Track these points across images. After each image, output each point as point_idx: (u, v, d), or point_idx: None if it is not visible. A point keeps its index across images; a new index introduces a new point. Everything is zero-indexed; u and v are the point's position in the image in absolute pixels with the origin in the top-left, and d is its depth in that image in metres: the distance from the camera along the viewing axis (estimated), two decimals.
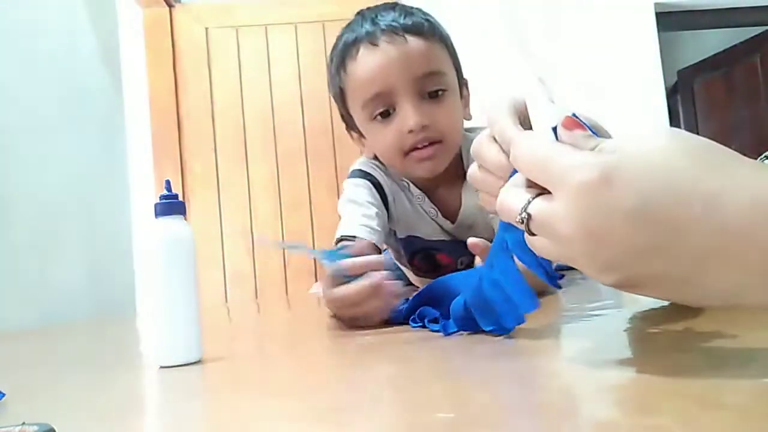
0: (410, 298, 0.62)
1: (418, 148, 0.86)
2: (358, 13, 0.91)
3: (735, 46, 3.68)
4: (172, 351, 0.49)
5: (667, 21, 2.88)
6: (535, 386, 0.34)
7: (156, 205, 0.49)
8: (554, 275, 0.42)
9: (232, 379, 0.46)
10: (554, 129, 0.34)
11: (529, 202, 0.33)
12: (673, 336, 0.43)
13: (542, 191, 0.33)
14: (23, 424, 0.27)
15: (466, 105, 0.95)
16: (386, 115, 0.86)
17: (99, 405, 0.39)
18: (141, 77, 2.32)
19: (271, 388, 0.40)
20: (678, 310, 0.55)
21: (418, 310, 0.58)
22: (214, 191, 2.34)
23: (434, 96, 0.85)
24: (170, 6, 2.36)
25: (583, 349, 0.41)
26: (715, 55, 3.83)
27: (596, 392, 0.30)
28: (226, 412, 0.33)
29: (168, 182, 0.51)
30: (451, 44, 0.92)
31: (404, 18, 0.86)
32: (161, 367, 0.49)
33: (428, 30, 0.86)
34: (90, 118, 1.66)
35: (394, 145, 0.86)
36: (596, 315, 0.57)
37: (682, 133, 0.32)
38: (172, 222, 0.50)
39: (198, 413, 0.35)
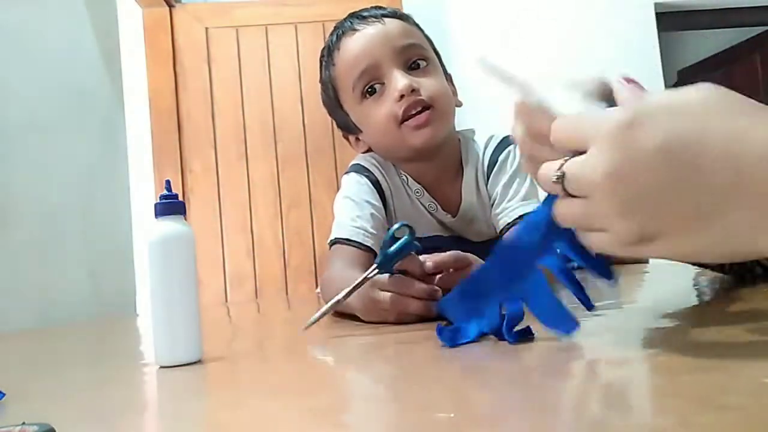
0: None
1: (411, 116, 0.87)
2: (339, 21, 0.98)
3: (735, 46, 3.68)
4: (172, 351, 0.49)
5: (667, 21, 2.88)
6: (535, 386, 0.34)
7: (156, 205, 0.49)
8: (608, 271, 0.42)
9: (232, 379, 0.46)
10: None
11: (564, 163, 0.35)
12: (673, 336, 0.43)
13: (576, 154, 0.35)
14: (23, 424, 0.27)
15: (455, 94, 0.98)
16: (375, 91, 0.90)
17: (99, 405, 0.39)
18: (141, 77, 2.32)
19: (271, 388, 0.40)
20: (677, 310, 0.55)
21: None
22: (214, 191, 2.34)
23: (417, 67, 0.91)
24: (170, 6, 2.36)
25: (583, 349, 0.41)
26: (715, 55, 3.83)
27: (596, 392, 0.30)
28: (226, 412, 0.33)
29: (168, 182, 0.51)
30: (430, 39, 0.98)
31: (380, 9, 0.94)
32: (161, 367, 0.49)
33: (403, 16, 0.95)
34: (90, 118, 1.66)
35: (387, 116, 0.88)
36: (596, 315, 0.57)
37: (713, 86, 0.33)
38: (172, 222, 0.50)
39: (198, 413, 0.35)
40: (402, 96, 0.86)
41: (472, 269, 0.64)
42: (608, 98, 0.42)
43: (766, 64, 3.51)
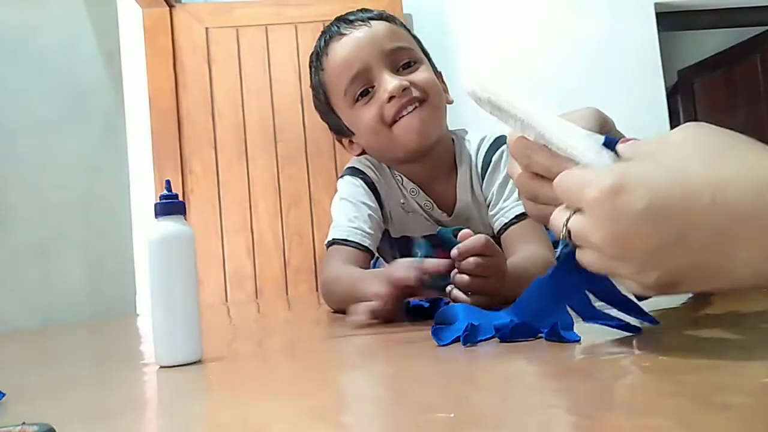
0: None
1: (403, 116, 0.87)
2: (328, 24, 0.98)
3: (735, 46, 3.68)
4: (172, 351, 0.49)
5: (667, 21, 2.88)
6: (534, 386, 0.34)
7: (156, 205, 0.49)
8: (645, 315, 0.44)
9: (232, 379, 0.46)
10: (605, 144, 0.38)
11: (568, 219, 0.36)
12: (673, 336, 0.43)
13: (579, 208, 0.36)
14: (23, 424, 0.27)
15: (446, 91, 0.98)
16: (367, 93, 0.89)
17: (99, 405, 0.39)
18: (141, 77, 2.32)
19: (271, 388, 0.40)
20: (679, 311, 0.55)
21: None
22: (214, 190, 2.34)
23: (407, 67, 0.91)
24: (170, 6, 2.36)
25: (584, 348, 0.41)
26: (715, 55, 3.83)
27: (596, 392, 0.30)
28: (226, 412, 0.33)
29: (168, 182, 0.51)
30: (418, 38, 0.98)
31: (366, 12, 0.94)
32: (161, 367, 0.49)
33: (389, 17, 0.95)
34: (90, 118, 1.66)
35: (378, 119, 0.88)
36: None
37: (698, 126, 0.34)
38: (172, 222, 0.50)
39: (198, 413, 0.35)
40: (392, 98, 0.86)
41: (498, 259, 0.65)
42: (604, 127, 0.42)
43: (766, 64, 3.51)
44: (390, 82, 0.86)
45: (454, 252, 0.64)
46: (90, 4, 1.69)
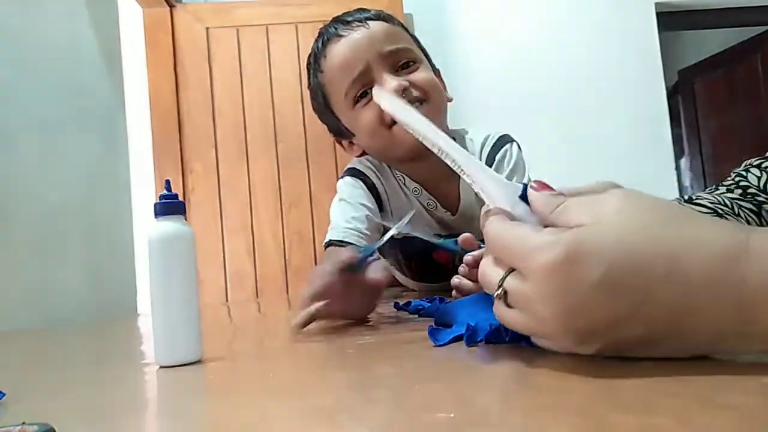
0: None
1: None
2: (325, 24, 0.98)
3: (735, 46, 3.68)
4: (172, 351, 0.49)
5: (668, 21, 2.88)
6: (534, 386, 0.34)
7: (156, 205, 0.49)
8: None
9: (232, 379, 0.46)
10: (523, 189, 0.37)
11: (504, 279, 0.34)
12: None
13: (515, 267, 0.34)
14: (23, 424, 0.27)
15: (445, 89, 0.98)
16: (366, 95, 0.90)
17: (99, 405, 0.39)
18: (141, 77, 2.32)
19: (271, 388, 0.40)
20: None
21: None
22: (214, 190, 2.34)
23: (406, 67, 0.91)
24: (170, 6, 2.36)
25: None
26: (715, 55, 3.83)
27: (596, 392, 0.30)
28: (226, 412, 0.33)
29: (168, 182, 0.51)
30: (415, 36, 0.98)
31: (363, 12, 0.94)
32: (161, 367, 0.49)
33: (387, 17, 0.94)
34: (90, 118, 1.66)
35: (379, 119, 0.88)
36: None
37: (634, 195, 0.33)
38: (173, 222, 0.50)
39: (198, 413, 0.35)
40: None
41: None
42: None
43: (766, 64, 3.51)
44: (389, 82, 0.86)
45: (468, 259, 0.64)
46: (90, 4, 1.69)
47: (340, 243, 0.89)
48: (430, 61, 0.97)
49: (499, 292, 0.35)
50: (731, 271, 0.29)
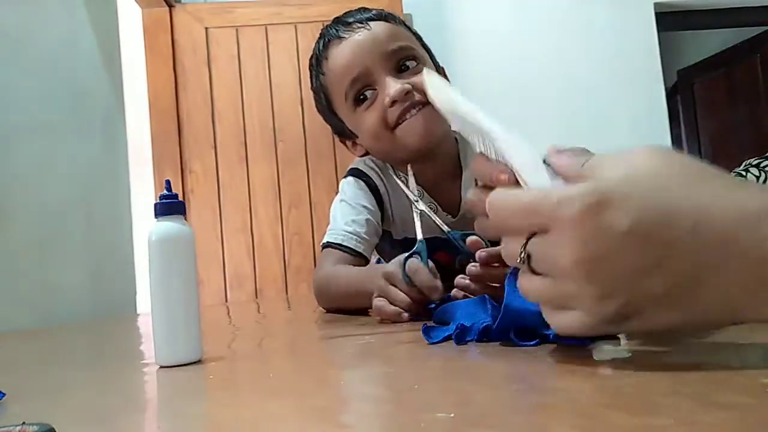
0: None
1: (406, 119, 0.87)
2: (326, 25, 0.97)
3: (735, 46, 3.68)
4: (172, 351, 0.49)
5: (667, 21, 2.88)
6: (535, 386, 0.34)
7: (156, 205, 0.49)
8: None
9: (232, 379, 0.46)
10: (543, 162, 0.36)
11: (526, 242, 0.34)
12: (672, 335, 0.43)
13: (534, 233, 0.34)
14: (23, 424, 0.27)
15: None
16: (369, 98, 0.89)
17: (99, 405, 0.39)
18: (141, 77, 2.32)
19: (271, 388, 0.40)
20: None
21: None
22: (214, 191, 2.34)
23: (408, 69, 0.89)
24: (170, 6, 2.36)
25: (583, 349, 0.41)
26: (715, 55, 3.83)
27: (596, 392, 0.30)
28: (226, 412, 0.33)
29: (168, 182, 0.51)
30: (418, 34, 0.96)
31: (364, 13, 0.92)
32: (161, 367, 0.49)
33: (388, 16, 0.93)
34: (90, 118, 1.66)
35: (381, 123, 0.87)
36: None
37: (666, 152, 0.33)
38: (172, 222, 0.50)
39: (198, 413, 0.35)
40: (394, 102, 0.85)
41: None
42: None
43: (766, 64, 3.51)
44: (392, 86, 0.85)
45: (481, 255, 0.63)
46: (90, 4, 1.69)
47: (339, 246, 0.90)
48: (433, 58, 0.97)
49: (522, 255, 0.34)
50: (756, 229, 0.29)
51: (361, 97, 0.89)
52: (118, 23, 1.95)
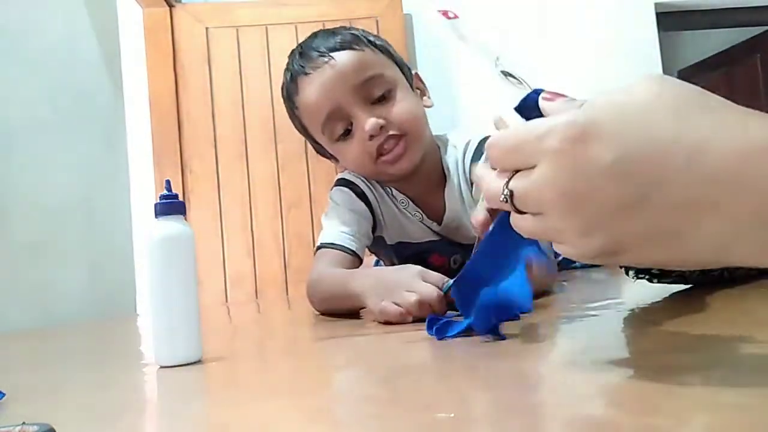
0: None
1: (385, 152, 0.86)
2: (291, 52, 0.93)
3: (735, 46, 3.68)
4: (172, 351, 0.49)
5: (667, 21, 2.88)
6: (534, 386, 0.34)
7: (156, 205, 0.49)
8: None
9: (232, 379, 0.46)
10: (532, 107, 0.35)
11: (509, 180, 0.33)
12: (673, 335, 0.43)
13: (518, 170, 0.32)
14: (23, 424, 0.27)
15: (423, 95, 0.97)
16: (347, 133, 0.88)
17: (99, 405, 0.39)
18: (141, 77, 2.32)
19: (271, 388, 0.40)
20: (678, 310, 0.55)
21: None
22: (214, 191, 2.34)
23: (382, 99, 0.87)
24: (170, 6, 2.36)
25: (584, 348, 0.41)
26: (715, 55, 3.83)
27: (596, 392, 0.30)
28: (226, 412, 0.33)
29: (168, 182, 0.51)
30: (384, 45, 0.93)
31: (328, 40, 0.88)
32: (161, 367, 0.49)
33: (353, 41, 0.88)
34: (90, 118, 1.66)
35: (361, 156, 0.88)
36: (596, 314, 0.57)
37: (665, 80, 0.30)
38: (172, 222, 0.50)
39: (198, 413, 0.35)
40: (372, 136, 0.85)
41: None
42: None
43: (766, 64, 3.51)
44: (366, 122, 0.84)
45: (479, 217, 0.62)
46: (90, 4, 1.69)
47: (332, 246, 0.90)
48: (404, 69, 0.94)
49: (505, 193, 0.33)
50: (757, 166, 0.26)
51: (341, 132, 0.88)
52: (119, 23, 1.95)
